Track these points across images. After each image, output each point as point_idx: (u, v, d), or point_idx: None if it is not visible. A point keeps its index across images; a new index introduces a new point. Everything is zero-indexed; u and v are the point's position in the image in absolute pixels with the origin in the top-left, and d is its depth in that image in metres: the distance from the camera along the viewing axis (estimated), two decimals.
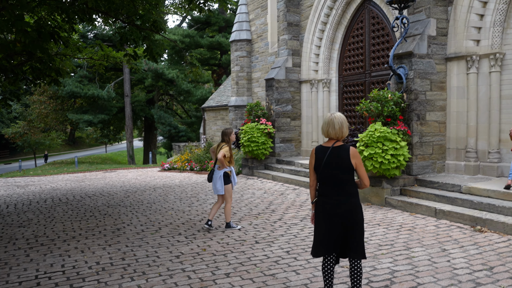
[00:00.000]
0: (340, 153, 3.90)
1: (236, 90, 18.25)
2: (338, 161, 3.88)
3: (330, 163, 3.91)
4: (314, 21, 13.17)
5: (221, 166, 7.03)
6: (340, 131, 3.93)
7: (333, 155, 3.91)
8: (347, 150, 3.90)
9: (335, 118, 3.94)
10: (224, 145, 7.08)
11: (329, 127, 3.94)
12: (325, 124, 3.99)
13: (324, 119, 4.02)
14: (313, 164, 4.05)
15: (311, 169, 4.09)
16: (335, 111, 3.99)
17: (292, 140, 13.83)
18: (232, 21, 31.55)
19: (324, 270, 4.01)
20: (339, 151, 3.91)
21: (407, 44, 8.80)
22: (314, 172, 4.07)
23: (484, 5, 8.44)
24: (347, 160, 3.87)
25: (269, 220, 7.63)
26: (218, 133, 21.67)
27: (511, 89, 8.26)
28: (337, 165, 3.88)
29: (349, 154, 3.88)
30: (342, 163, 3.87)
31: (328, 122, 3.96)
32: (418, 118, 8.68)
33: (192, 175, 15.94)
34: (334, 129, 3.93)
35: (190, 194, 10.76)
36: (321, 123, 13.33)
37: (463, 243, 5.89)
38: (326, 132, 3.98)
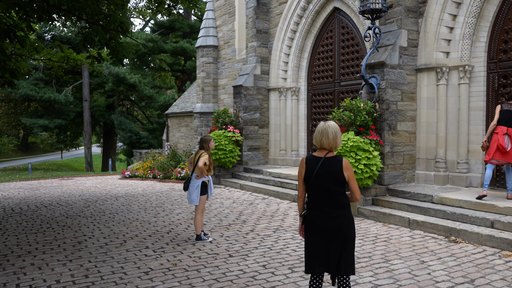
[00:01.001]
0: (332, 165, 3.69)
1: (201, 96, 17.89)
2: (330, 172, 3.68)
3: (322, 174, 3.69)
4: (283, 29, 13.08)
5: (200, 175, 6.69)
6: (334, 141, 3.73)
7: (325, 166, 3.70)
8: (340, 161, 3.70)
9: (329, 127, 3.74)
10: (204, 153, 6.76)
11: (322, 137, 3.73)
12: (318, 134, 3.77)
13: (317, 128, 3.80)
14: (303, 174, 3.82)
15: (300, 179, 3.86)
16: (321, 122, 3.78)
17: (260, 148, 13.62)
18: (197, 27, 31.18)
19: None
20: (331, 162, 3.70)
21: (379, 54, 8.80)
22: (304, 183, 3.84)
23: (454, 18, 8.58)
24: (340, 172, 3.67)
25: (241, 232, 7.34)
26: (182, 140, 21.20)
27: (479, 101, 8.41)
28: (328, 176, 3.68)
29: (342, 165, 3.68)
30: (334, 175, 3.67)
31: (321, 131, 3.75)
32: (389, 128, 8.67)
33: (155, 183, 15.39)
34: (328, 139, 3.72)
35: (155, 204, 10.30)
36: (289, 131, 13.37)
37: (440, 255, 5.83)
38: (319, 142, 3.76)
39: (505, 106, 7.12)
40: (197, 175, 6.71)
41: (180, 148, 20.51)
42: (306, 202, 3.88)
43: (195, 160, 6.76)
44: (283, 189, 10.73)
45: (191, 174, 6.78)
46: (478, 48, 8.43)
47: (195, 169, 6.73)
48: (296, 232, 7.22)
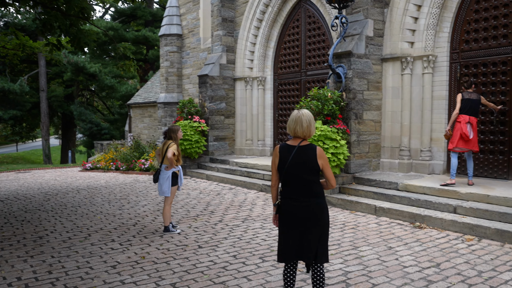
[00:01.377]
0: (306, 153, 3.65)
1: (165, 86, 17.53)
2: (304, 161, 3.63)
3: (296, 163, 3.65)
4: (249, 17, 12.94)
5: (170, 166, 6.52)
6: (308, 129, 3.69)
7: (299, 154, 3.65)
8: (314, 150, 3.66)
9: (303, 115, 3.69)
10: (172, 143, 6.58)
11: (296, 125, 3.68)
12: (292, 122, 3.71)
13: (291, 116, 3.74)
14: (276, 163, 3.77)
15: (274, 168, 3.81)
16: (295, 110, 3.73)
17: (226, 138, 13.50)
18: (159, 15, 30.48)
19: (286, 276, 3.74)
20: (305, 151, 3.66)
21: (346, 43, 8.85)
22: (277, 172, 3.79)
23: (419, 8, 8.72)
24: (314, 160, 3.63)
25: (209, 222, 7.24)
26: (146, 131, 20.76)
27: (442, 90, 8.62)
28: (302, 165, 3.63)
29: (316, 154, 3.64)
30: (309, 163, 3.63)
31: (295, 119, 3.69)
32: (356, 117, 8.76)
33: (118, 175, 15.00)
34: (302, 127, 3.67)
35: (119, 196, 10.02)
36: (255, 120, 13.31)
37: (406, 240, 5.95)
38: (293, 130, 3.71)
39: (466, 95, 7.31)
40: (166, 166, 6.54)
41: (144, 139, 20.08)
42: (280, 191, 3.83)
43: (164, 151, 6.58)
44: (250, 179, 10.68)
45: (160, 166, 6.60)
46: (441, 38, 8.61)
47: (164, 160, 6.56)
48: (265, 221, 7.19)
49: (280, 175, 3.78)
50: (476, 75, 8.21)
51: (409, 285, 4.41)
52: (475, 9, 8.20)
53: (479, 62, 8.15)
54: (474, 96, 7.32)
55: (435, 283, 4.43)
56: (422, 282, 4.46)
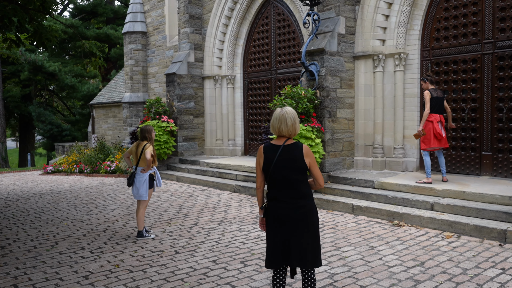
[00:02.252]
0: (292, 152, 3.48)
1: (130, 85, 17.00)
2: (290, 160, 3.47)
3: (282, 162, 3.48)
4: (217, 14, 12.68)
5: (147, 168, 6.20)
6: (293, 127, 3.52)
7: (285, 154, 3.49)
8: (300, 148, 3.50)
9: (286, 113, 3.52)
10: (148, 144, 6.26)
11: (281, 124, 3.51)
12: (275, 120, 3.54)
13: (274, 114, 3.57)
14: (261, 164, 3.58)
15: (259, 169, 3.62)
16: (278, 108, 3.56)
17: (195, 138, 13.19)
18: (121, 12, 29.65)
19: (275, 283, 3.56)
20: (291, 150, 3.49)
21: (319, 41, 8.76)
22: (262, 173, 3.61)
23: (390, 6, 8.74)
24: (300, 159, 3.47)
25: (184, 226, 6.97)
26: (110, 131, 20.10)
27: (413, 88, 8.67)
28: (289, 165, 3.47)
29: (302, 152, 3.49)
30: (295, 162, 3.46)
31: (279, 118, 3.52)
32: (330, 115, 8.70)
33: (82, 178, 14.41)
34: (287, 125, 3.50)
35: (86, 200, 9.55)
36: (225, 120, 13.06)
37: (387, 239, 5.90)
38: (277, 129, 3.53)
39: (434, 93, 7.32)
40: (143, 169, 6.22)
41: (108, 140, 19.43)
42: (266, 193, 3.65)
43: (138, 152, 6.25)
44: (222, 179, 10.44)
45: (136, 168, 6.27)
46: (412, 36, 8.67)
47: (140, 162, 6.23)
48: (242, 223, 6.99)
49: (265, 177, 3.61)
50: (447, 72, 8.31)
51: (397, 285, 4.33)
52: (444, 7, 8.29)
53: (450, 59, 8.25)
54: (440, 94, 7.37)
55: (422, 283, 4.37)
56: (409, 282, 4.39)
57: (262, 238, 6.11)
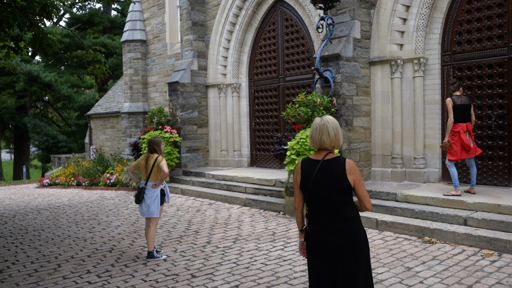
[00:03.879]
0: (333, 168, 2.99)
1: (130, 95, 16.49)
2: (331, 177, 2.98)
3: (321, 180, 2.99)
4: (221, 21, 12.25)
5: (159, 183, 5.69)
6: (336, 138, 3.05)
7: (325, 170, 3.00)
8: (343, 163, 3.01)
9: (328, 122, 3.04)
10: (160, 157, 5.75)
11: (322, 135, 3.02)
12: (315, 131, 3.06)
13: (314, 125, 3.09)
14: (298, 181, 3.11)
15: (296, 188, 3.15)
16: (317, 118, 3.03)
17: (199, 149, 12.68)
18: (118, 22, 29.25)
19: None
20: (331, 165, 3.00)
21: (333, 46, 8.32)
22: (301, 191, 3.13)
23: (407, 9, 8.34)
24: (343, 176, 2.97)
25: (197, 245, 6.44)
26: (108, 143, 19.53)
27: (434, 94, 8.24)
28: (329, 183, 2.98)
29: (345, 168, 2.99)
30: (337, 180, 2.97)
31: (320, 128, 3.04)
32: (346, 124, 8.23)
33: (80, 191, 13.83)
34: (329, 136, 3.03)
35: (87, 216, 8.99)
36: (230, 130, 12.57)
37: (422, 258, 5.39)
38: (318, 141, 3.05)
39: (457, 100, 6.88)
40: (154, 184, 5.70)
41: (106, 152, 18.86)
42: (306, 215, 3.16)
43: (149, 166, 5.73)
44: (230, 192, 9.92)
45: (146, 183, 5.74)
46: (432, 40, 8.25)
47: (151, 176, 5.71)
48: (258, 241, 6.46)
49: (304, 196, 3.12)
50: (470, 77, 7.89)
51: None
52: (466, 9, 7.89)
53: (473, 64, 7.83)
54: (466, 100, 6.90)
55: None
56: None
57: (285, 258, 5.59)
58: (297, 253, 5.78)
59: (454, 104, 6.82)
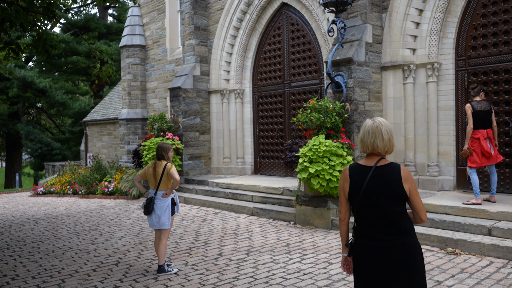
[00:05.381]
0: (387, 175, 2.72)
1: (128, 101, 16.14)
2: (385, 186, 2.71)
3: (374, 189, 2.72)
4: (225, 25, 12.01)
5: (170, 192, 5.37)
6: (390, 143, 2.79)
7: (378, 177, 2.73)
8: (398, 170, 2.74)
9: (381, 125, 2.77)
10: (169, 164, 5.44)
11: (375, 138, 2.76)
12: (367, 134, 2.79)
13: (365, 127, 2.82)
14: (346, 190, 2.82)
15: (343, 197, 2.87)
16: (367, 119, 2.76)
17: (201, 156, 12.36)
18: (114, 27, 28.94)
19: None
20: (385, 172, 2.73)
21: (345, 50, 8.09)
22: (348, 201, 2.85)
23: (420, 13, 8.14)
24: (398, 184, 2.70)
25: (208, 257, 6.11)
26: (105, 150, 19.14)
27: (448, 100, 8.02)
28: (383, 191, 2.70)
29: (401, 176, 2.72)
30: (391, 189, 2.70)
31: (373, 131, 2.76)
32: (358, 130, 7.97)
33: (77, 200, 13.44)
34: (383, 140, 2.76)
35: (87, 226, 8.62)
36: (234, 137, 12.28)
37: (450, 271, 5.12)
38: (370, 145, 2.78)
39: (476, 106, 6.67)
40: (165, 193, 5.38)
41: (103, 159, 18.45)
42: (353, 227, 2.87)
43: (158, 174, 5.40)
44: (236, 201, 9.60)
45: (156, 193, 5.41)
46: (445, 44, 8.05)
47: (161, 185, 5.39)
48: (273, 253, 6.16)
49: (352, 206, 2.84)
50: (486, 83, 7.68)
51: None
52: (482, 13, 7.70)
53: (489, 69, 7.62)
54: (486, 106, 6.68)
55: None
56: None
57: (305, 272, 5.29)
58: (316, 266, 5.48)
59: (473, 110, 6.60)
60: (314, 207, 7.59)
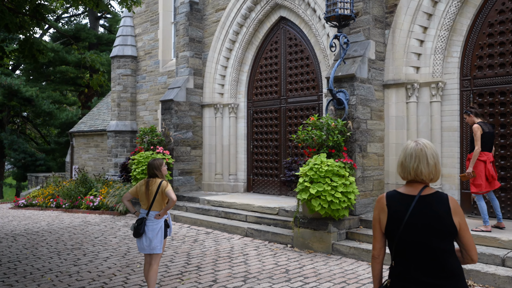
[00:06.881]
0: (434, 207, 2.35)
1: (117, 113, 15.67)
2: (432, 218, 2.33)
3: (418, 222, 2.34)
4: (220, 38, 11.69)
5: (163, 213, 4.92)
6: (435, 169, 2.42)
7: (422, 209, 2.35)
8: (445, 201, 2.37)
9: (426, 148, 2.41)
10: (164, 182, 5.00)
11: (419, 163, 2.39)
12: (409, 158, 2.41)
13: (406, 150, 2.44)
14: (383, 222, 2.44)
15: (378, 231, 2.48)
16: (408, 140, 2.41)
17: (192, 172, 11.91)
18: (105, 38, 28.54)
19: None
20: (432, 203, 2.36)
21: (347, 66, 7.80)
22: (384, 235, 2.46)
23: (425, 30, 7.91)
24: (447, 217, 2.33)
25: (202, 284, 5.64)
26: (91, 162, 18.55)
27: (453, 121, 7.75)
28: (430, 225, 2.33)
29: (450, 208, 2.35)
30: (440, 223, 2.32)
31: (416, 154, 2.40)
32: (360, 149, 7.64)
33: (60, 214, 12.84)
34: (428, 165, 2.39)
35: (70, 245, 8.09)
36: (226, 152, 11.87)
37: None
38: (413, 171, 2.40)
39: (485, 127, 6.38)
40: (158, 213, 4.93)
41: (89, 172, 17.86)
42: (391, 267, 2.47)
43: (152, 192, 4.96)
44: (229, 220, 9.15)
45: (147, 213, 4.96)
46: (450, 63, 7.81)
47: (155, 205, 4.94)
48: (272, 280, 5.71)
49: (389, 242, 2.45)
50: (492, 104, 7.43)
51: None
52: (488, 32, 7.49)
53: (496, 90, 7.38)
54: (491, 128, 6.40)
55: None
56: None
57: None
58: None
59: (483, 131, 6.30)
60: (314, 230, 7.18)
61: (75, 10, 30.33)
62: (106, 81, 7.79)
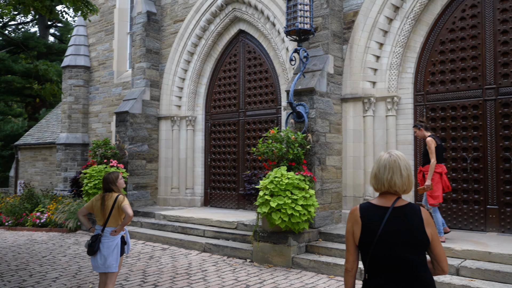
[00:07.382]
0: (408, 218, 2.34)
1: (68, 125, 15.02)
2: (405, 231, 2.32)
3: (393, 234, 2.31)
4: (178, 50, 11.53)
5: (119, 229, 4.66)
6: (408, 180, 2.42)
7: (397, 221, 2.34)
8: (418, 212, 2.37)
9: (399, 159, 2.40)
10: (121, 196, 4.76)
11: (393, 174, 2.37)
12: (383, 169, 2.39)
13: (381, 161, 2.43)
14: (356, 235, 2.39)
15: (351, 243, 2.43)
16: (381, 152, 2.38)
17: (147, 186, 11.56)
18: (55, 47, 27.51)
19: None
20: (406, 215, 2.35)
21: (307, 80, 7.87)
22: (357, 248, 2.41)
23: (381, 46, 8.14)
24: (420, 229, 2.33)
25: None
26: (38, 177, 17.64)
27: (407, 134, 7.97)
28: (403, 238, 2.31)
29: (422, 219, 2.34)
30: (414, 234, 2.31)
31: (390, 166, 2.38)
32: (319, 162, 7.68)
33: (3, 232, 12.05)
34: (402, 176, 2.38)
35: (14, 265, 7.55)
36: (183, 166, 11.61)
37: None
38: (387, 182, 2.38)
39: (437, 140, 6.62)
40: (114, 230, 4.67)
41: (36, 187, 16.94)
42: (364, 280, 2.42)
43: (107, 207, 4.71)
44: (186, 236, 8.90)
45: (103, 229, 4.69)
46: (405, 79, 8.06)
47: (110, 220, 4.68)
48: None
49: (363, 254, 2.40)
50: (444, 118, 7.71)
51: None
52: (440, 50, 7.81)
53: (447, 105, 7.68)
54: (440, 141, 6.67)
55: None
56: None
57: None
58: None
59: (436, 144, 6.51)
60: (274, 244, 7.10)
61: (24, 17, 29.16)
62: (60, 91, 7.42)
